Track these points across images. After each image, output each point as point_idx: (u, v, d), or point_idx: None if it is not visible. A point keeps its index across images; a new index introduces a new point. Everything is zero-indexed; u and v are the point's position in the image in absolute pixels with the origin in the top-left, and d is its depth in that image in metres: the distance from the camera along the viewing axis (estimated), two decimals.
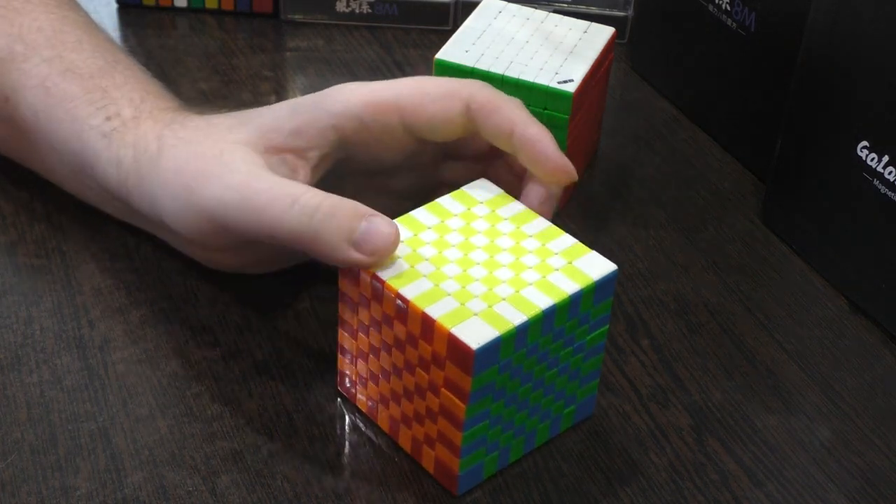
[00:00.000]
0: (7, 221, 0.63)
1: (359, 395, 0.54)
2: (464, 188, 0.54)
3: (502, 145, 0.55)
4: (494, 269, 0.50)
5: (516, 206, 0.53)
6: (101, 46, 0.62)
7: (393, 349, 0.50)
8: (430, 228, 0.52)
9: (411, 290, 0.48)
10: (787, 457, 0.54)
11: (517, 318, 0.48)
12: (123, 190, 0.57)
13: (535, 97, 0.62)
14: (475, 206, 0.53)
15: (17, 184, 0.65)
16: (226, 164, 0.53)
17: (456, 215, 0.53)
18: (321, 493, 0.51)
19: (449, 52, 0.64)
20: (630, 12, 0.79)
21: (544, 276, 0.50)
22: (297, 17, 0.80)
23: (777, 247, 0.66)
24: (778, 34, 0.66)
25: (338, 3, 0.80)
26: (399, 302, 0.49)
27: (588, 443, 0.54)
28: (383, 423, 0.53)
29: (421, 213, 0.52)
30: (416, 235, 0.51)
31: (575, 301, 0.49)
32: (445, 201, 0.53)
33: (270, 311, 0.59)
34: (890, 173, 0.58)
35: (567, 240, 0.52)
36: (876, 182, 0.59)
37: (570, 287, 0.49)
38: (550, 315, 0.49)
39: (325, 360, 0.57)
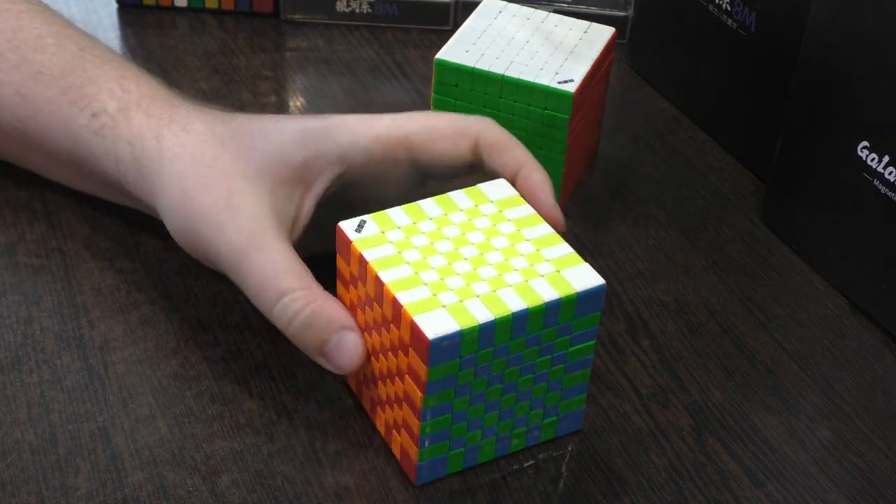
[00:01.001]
0: (7, 221, 0.63)
1: (350, 375, 0.54)
2: (479, 185, 0.54)
3: (509, 181, 0.55)
4: (479, 266, 0.50)
5: (525, 210, 0.53)
6: (63, 38, 0.61)
7: (373, 330, 0.51)
8: (430, 219, 0.52)
9: (389, 275, 0.49)
10: (787, 457, 0.54)
11: (484, 316, 0.48)
12: (123, 182, 0.57)
13: (535, 97, 0.63)
14: (484, 203, 0.53)
15: (17, 184, 0.65)
16: (233, 211, 0.53)
17: (461, 210, 0.52)
18: (321, 493, 0.51)
19: (449, 52, 0.64)
20: (630, 12, 0.79)
21: (526, 280, 0.49)
22: (297, 16, 0.80)
23: (777, 247, 0.66)
24: (778, 34, 0.66)
25: (338, 3, 0.80)
26: (377, 284, 0.49)
27: (588, 443, 0.54)
28: (365, 402, 0.54)
29: (427, 204, 0.53)
30: (414, 223, 0.51)
31: (552, 309, 0.49)
32: (456, 195, 0.53)
33: None
34: (890, 173, 0.58)
35: (563, 249, 0.51)
36: (876, 182, 0.59)
37: (548, 294, 0.49)
38: (522, 319, 0.48)
39: None
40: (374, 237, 0.51)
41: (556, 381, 0.52)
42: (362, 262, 0.50)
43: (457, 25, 0.79)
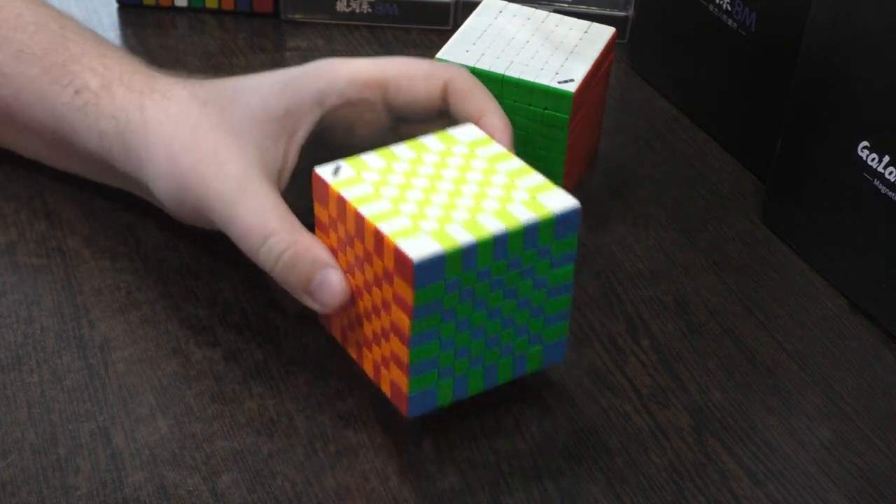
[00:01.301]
0: (7, 221, 0.63)
1: (333, 323, 0.55)
2: (448, 130, 0.55)
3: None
4: (457, 197, 0.51)
5: (496, 148, 0.54)
6: (42, 17, 0.62)
7: (356, 269, 0.52)
8: (404, 161, 0.53)
9: (369, 209, 0.50)
10: (787, 457, 0.54)
11: (465, 237, 0.49)
12: (107, 158, 0.58)
13: (535, 97, 0.63)
14: (455, 145, 0.54)
15: (17, 184, 0.65)
16: (221, 165, 0.54)
17: (433, 151, 0.54)
18: (321, 493, 0.51)
19: (449, 52, 0.64)
20: (630, 12, 0.79)
21: (503, 206, 0.51)
22: (297, 16, 0.80)
23: (777, 247, 0.66)
24: (778, 34, 0.66)
25: (338, 3, 0.80)
26: (357, 220, 0.50)
27: (588, 443, 0.54)
28: (352, 349, 0.54)
29: (400, 148, 0.54)
30: (389, 165, 0.53)
31: (531, 231, 0.50)
32: (427, 139, 0.54)
33: (270, 311, 0.59)
34: (890, 173, 0.58)
35: (537, 178, 0.52)
36: (876, 182, 0.59)
37: (526, 217, 0.50)
38: (502, 240, 0.49)
39: (325, 360, 0.57)
40: (350, 179, 0.52)
41: (538, 306, 0.52)
42: (341, 201, 0.51)
43: (457, 25, 0.79)
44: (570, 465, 0.53)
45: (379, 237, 0.49)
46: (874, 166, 0.59)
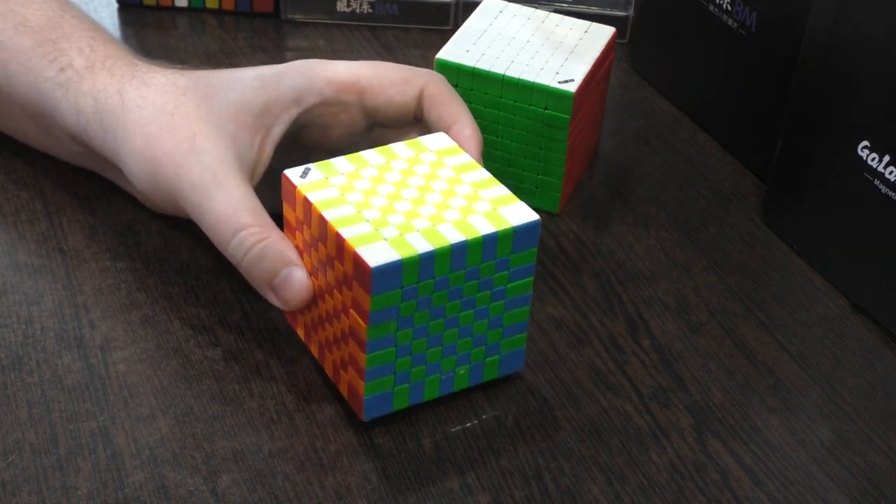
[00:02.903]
0: (7, 221, 0.63)
1: (297, 322, 0.56)
2: (419, 138, 0.56)
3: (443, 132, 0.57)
4: (420, 205, 0.52)
5: (463, 158, 0.55)
6: None
7: (319, 271, 0.52)
8: (372, 167, 0.54)
9: (333, 213, 0.51)
10: (788, 457, 0.54)
11: (423, 246, 0.49)
12: (84, 136, 0.59)
13: (535, 97, 0.63)
14: (424, 153, 0.55)
15: (17, 184, 0.65)
16: (196, 153, 0.55)
17: (402, 158, 0.54)
18: (321, 493, 0.51)
19: (449, 52, 0.64)
20: (630, 12, 0.79)
21: (464, 217, 0.51)
22: (297, 16, 0.80)
23: (778, 247, 0.66)
24: (778, 34, 0.66)
25: (338, 3, 0.80)
26: (321, 223, 0.51)
27: (588, 443, 0.54)
28: (313, 348, 0.55)
29: (369, 154, 0.54)
30: (357, 171, 0.53)
31: (489, 242, 0.51)
32: (397, 146, 0.55)
33: (270, 311, 0.59)
34: (891, 173, 0.58)
35: (500, 190, 0.53)
36: (877, 182, 0.59)
37: (486, 228, 0.51)
38: (460, 250, 0.50)
39: None
40: (318, 182, 0.52)
41: (496, 317, 0.53)
42: (307, 204, 0.52)
43: (457, 25, 0.79)
44: (570, 464, 0.53)
45: (340, 242, 0.50)
46: (874, 166, 0.59)
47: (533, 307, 0.60)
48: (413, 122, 0.59)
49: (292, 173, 0.53)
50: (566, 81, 0.62)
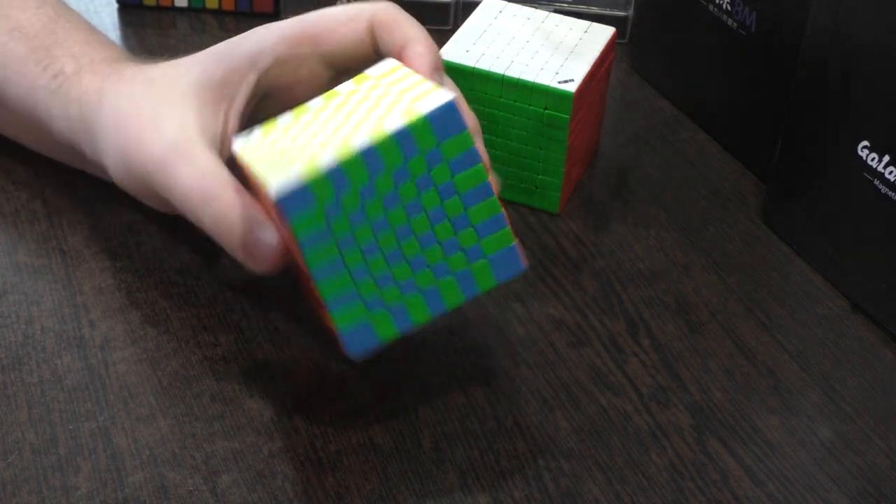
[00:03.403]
0: (7, 221, 0.63)
1: (303, 287, 0.55)
2: (365, 71, 0.55)
3: (397, 58, 0.56)
4: (340, 128, 0.50)
5: (400, 73, 0.53)
6: (44, 3, 0.63)
7: (280, 228, 0.51)
8: (312, 110, 0.53)
9: (256, 161, 0.50)
10: (787, 457, 0.54)
11: (327, 160, 0.47)
12: (75, 141, 0.60)
13: (535, 97, 0.63)
14: (364, 81, 0.54)
15: (17, 184, 0.65)
16: (160, 131, 0.55)
17: (341, 94, 0.53)
18: (321, 493, 0.51)
19: (449, 51, 0.64)
20: (630, 12, 0.79)
21: (379, 119, 0.49)
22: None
23: (777, 247, 0.66)
24: (778, 34, 0.66)
25: (338, 3, 0.80)
26: (251, 174, 0.50)
27: (588, 443, 0.54)
28: (316, 308, 0.54)
29: (314, 101, 0.54)
30: (295, 118, 0.53)
31: (403, 137, 0.48)
32: (342, 85, 0.54)
33: (270, 311, 0.59)
34: (890, 173, 0.58)
35: (426, 86, 0.50)
36: (876, 182, 0.59)
37: (394, 124, 0.48)
38: (371, 154, 0.48)
39: (325, 360, 0.57)
40: (255, 140, 0.52)
41: (458, 217, 0.50)
42: (243, 163, 0.51)
43: (457, 25, 0.79)
44: (570, 465, 0.53)
45: (258, 183, 0.49)
46: (874, 166, 0.59)
47: (533, 307, 0.60)
48: (376, 58, 0.57)
49: (237, 138, 0.53)
50: (566, 81, 0.62)
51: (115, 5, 0.80)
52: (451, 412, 0.55)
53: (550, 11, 0.68)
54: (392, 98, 0.50)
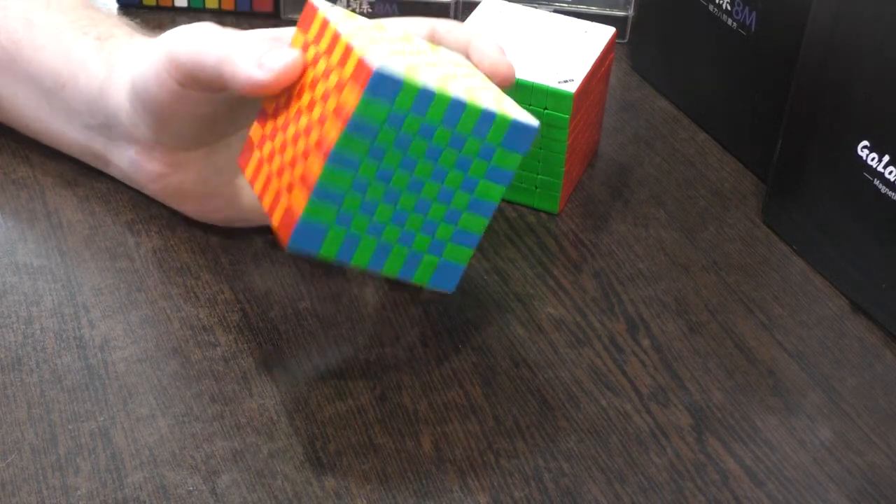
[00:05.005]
0: (7, 221, 0.63)
1: (249, 159, 0.55)
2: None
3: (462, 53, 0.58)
4: (437, 65, 0.52)
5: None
6: None
7: (306, 88, 0.51)
8: (400, 37, 0.55)
9: (347, 30, 0.51)
10: (787, 456, 0.54)
11: (428, 81, 0.49)
12: (106, 84, 0.60)
13: (535, 97, 0.63)
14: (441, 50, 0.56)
15: (17, 184, 0.65)
16: (193, 28, 0.56)
17: (427, 47, 0.56)
18: (321, 493, 0.51)
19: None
20: (630, 12, 0.79)
21: (474, 89, 0.51)
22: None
23: (777, 246, 0.66)
24: (778, 34, 0.66)
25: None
26: (333, 38, 0.51)
27: (588, 443, 0.54)
28: (258, 182, 0.53)
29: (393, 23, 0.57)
30: (381, 27, 0.55)
31: (486, 119, 0.50)
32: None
33: (270, 310, 0.59)
34: (891, 173, 0.58)
35: (510, 104, 0.52)
36: (876, 182, 0.59)
37: (489, 104, 0.50)
38: (457, 107, 0.49)
39: (325, 360, 0.57)
40: (341, 11, 0.54)
41: (455, 210, 0.51)
42: (324, 24, 0.52)
43: None
44: (569, 464, 0.53)
45: (347, 51, 0.49)
46: (874, 166, 0.59)
47: (533, 307, 0.60)
48: None
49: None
50: (566, 81, 0.62)
51: (115, 5, 0.80)
52: (451, 412, 0.55)
53: (550, 11, 0.68)
54: (482, 82, 0.53)
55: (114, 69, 0.60)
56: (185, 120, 0.57)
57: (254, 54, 0.52)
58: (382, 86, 0.47)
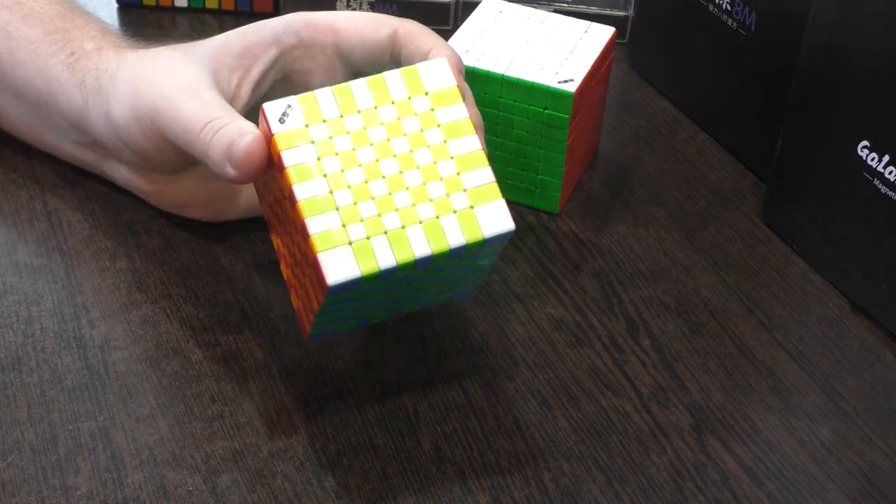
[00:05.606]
0: (7, 221, 0.63)
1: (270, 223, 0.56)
2: (418, 67, 0.53)
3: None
4: (396, 190, 0.50)
5: (457, 112, 0.52)
6: None
7: (284, 202, 0.51)
8: (359, 112, 0.51)
9: (304, 190, 0.49)
10: (787, 456, 0.54)
11: (386, 261, 0.49)
12: (84, 111, 0.60)
13: (535, 97, 0.63)
14: (418, 95, 0.52)
15: (17, 184, 0.65)
16: (173, 77, 0.57)
17: (393, 102, 0.52)
18: (321, 493, 0.51)
19: None
20: (630, 12, 0.79)
21: (438, 217, 0.50)
22: None
23: (777, 246, 0.66)
24: (778, 34, 0.66)
25: (338, 3, 0.80)
26: (291, 194, 0.49)
27: (588, 443, 0.54)
28: (276, 242, 0.55)
29: (359, 87, 0.52)
30: (341, 117, 0.51)
31: (456, 251, 0.50)
32: (391, 78, 0.52)
33: (270, 310, 0.59)
34: (890, 173, 0.58)
35: (484, 176, 0.51)
36: (876, 182, 0.59)
37: (455, 239, 0.50)
38: (424, 260, 0.49)
39: (325, 360, 0.57)
40: (296, 132, 0.50)
41: (454, 280, 0.54)
42: (280, 160, 0.50)
43: (457, 25, 0.79)
44: (569, 465, 0.53)
45: (305, 230, 0.49)
46: (874, 166, 0.59)
47: (533, 307, 0.60)
48: (390, 64, 0.59)
49: (272, 111, 0.51)
50: (566, 81, 0.62)
51: (115, 5, 0.80)
52: (451, 412, 0.55)
53: (550, 11, 0.68)
54: (450, 170, 0.51)
55: (88, 98, 0.60)
56: (173, 154, 0.58)
57: (223, 144, 0.53)
58: (342, 287, 0.49)
